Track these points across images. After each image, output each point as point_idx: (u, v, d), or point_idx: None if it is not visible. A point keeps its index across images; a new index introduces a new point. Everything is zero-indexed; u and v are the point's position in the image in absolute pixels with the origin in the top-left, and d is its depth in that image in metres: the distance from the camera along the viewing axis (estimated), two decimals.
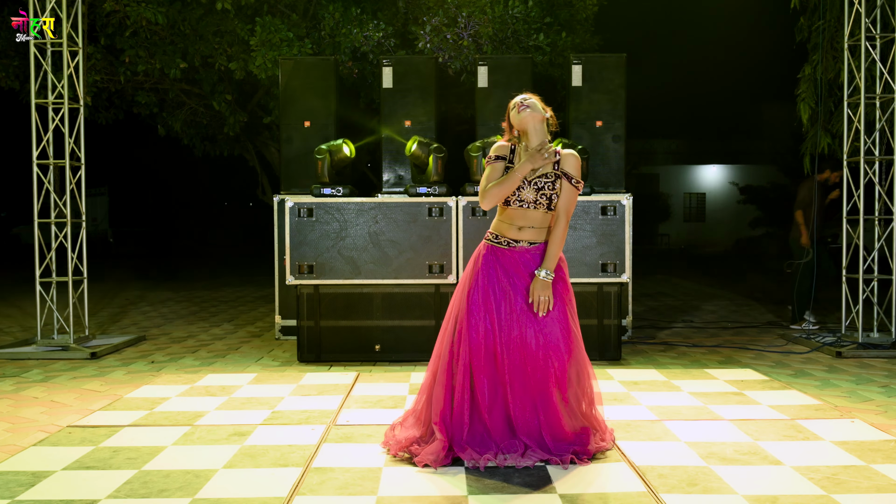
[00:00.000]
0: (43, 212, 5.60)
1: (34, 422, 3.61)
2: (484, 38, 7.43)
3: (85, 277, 5.74)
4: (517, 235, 2.98)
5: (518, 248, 2.97)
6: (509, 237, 2.99)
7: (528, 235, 2.97)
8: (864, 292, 5.53)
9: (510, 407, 2.87)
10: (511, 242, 2.98)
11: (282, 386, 4.31)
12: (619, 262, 4.90)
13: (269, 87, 8.82)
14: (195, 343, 6.00)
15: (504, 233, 3.00)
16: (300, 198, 4.96)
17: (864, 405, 3.84)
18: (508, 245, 2.98)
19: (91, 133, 6.36)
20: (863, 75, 5.37)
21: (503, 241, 3.00)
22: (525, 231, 2.97)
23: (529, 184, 2.94)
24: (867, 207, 5.60)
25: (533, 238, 2.98)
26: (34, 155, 5.44)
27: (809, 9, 6.63)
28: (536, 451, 2.86)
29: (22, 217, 22.78)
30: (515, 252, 2.97)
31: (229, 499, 2.56)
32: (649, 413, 3.65)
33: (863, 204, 5.44)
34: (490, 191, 2.93)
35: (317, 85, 5.96)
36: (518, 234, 2.97)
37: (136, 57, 7.91)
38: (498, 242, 3.01)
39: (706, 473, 2.77)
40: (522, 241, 2.97)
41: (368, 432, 3.34)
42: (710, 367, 4.85)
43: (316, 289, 4.99)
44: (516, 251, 2.97)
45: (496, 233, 3.03)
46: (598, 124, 5.84)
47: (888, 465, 2.84)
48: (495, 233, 3.03)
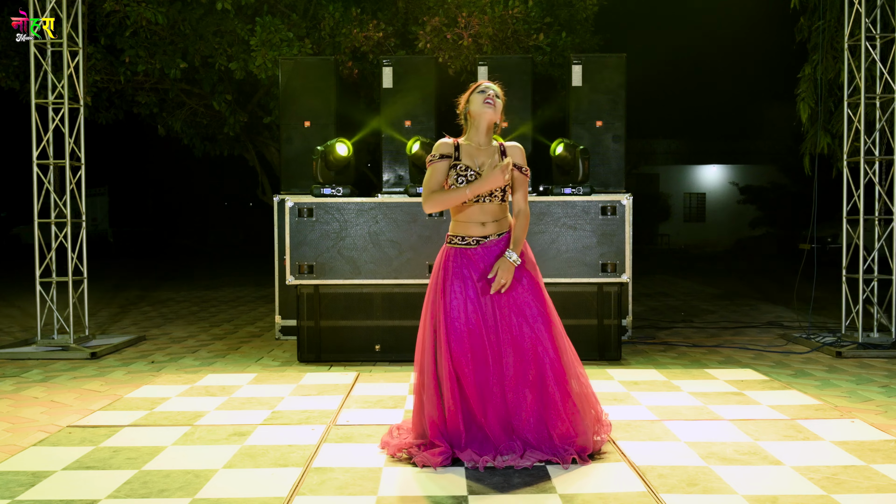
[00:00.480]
0: (43, 212, 5.60)
1: (34, 422, 3.61)
2: (484, 38, 7.43)
3: (85, 277, 5.74)
4: (483, 231, 2.97)
5: (488, 244, 2.96)
6: (476, 235, 2.97)
7: (492, 229, 2.98)
8: (864, 292, 5.53)
9: (508, 407, 2.87)
10: (479, 240, 2.97)
11: (282, 386, 4.31)
12: (619, 262, 4.90)
13: (269, 87, 8.82)
14: (195, 343, 6.01)
15: (468, 232, 2.98)
16: (300, 198, 4.96)
17: (864, 405, 3.84)
18: (478, 243, 2.97)
19: (91, 133, 6.36)
20: (863, 75, 5.37)
21: (471, 241, 2.97)
22: (489, 225, 2.97)
23: (481, 177, 2.95)
24: (867, 207, 5.60)
25: (498, 230, 2.98)
26: (34, 155, 5.44)
27: (809, 9, 6.63)
28: (535, 451, 2.85)
29: (22, 217, 22.78)
30: (487, 248, 2.96)
31: (229, 499, 2.56)
32: (649, 413, 3.65)
33: (863, 204, 5.44)
34: (435, 198, 2.92)
35: (317, 85, 5.95)
36: (483, 229, 2.97)
37: (136, 57, 7.91)
38: (466, 244, 2.98)
39: (706, 473, 2.77)
40: (490, 234, 2.97)
41: (368, 432, 3.34)
42: (710, 367, 4.85)
43: (316, 289, 4.99)
44: (487, 247, 2.96)
45: (460, 234, 3.00)
46: (598, 124, 5.84)
47: (888, 465, 2.84)
48: (459, 234, 3.00)
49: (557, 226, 4.87)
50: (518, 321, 2.89)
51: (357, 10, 7.95)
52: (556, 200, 4.89)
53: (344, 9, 7.87)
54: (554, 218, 4.86)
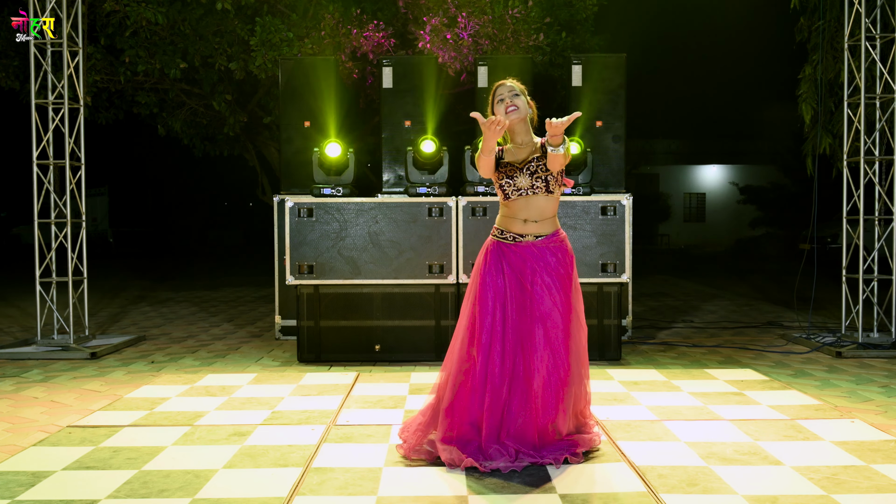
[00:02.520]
0: (43, 212, 5.60)
1: (34, 422, 3.61)
2: (484, 38, 7.43)
3: (85, 277, 5.74)
4: (522, 229, 2.94)
5: (524, 243, 2.94)
6: (514, 231, 2.95)
7: (533, 229, 2.94)
8: (864, 292, 5.53)
9: (512, 409, 2.85)
10: (517, 237, 2.95)
11: (282, 386, 4.31)
12: (619, 262, 4.90)
13: (269, 87, 8.82)
14: (195, 343, 6.01)
15: (509, 227, 2.97)
16: (300, 198, 4.96)
17: (864, 405, 3.84)
18: (514, 240, 2.95)
19: (91, 133, 6.36)
20: (863, 75, 5.37)
21: (508, 237, 2.96)
22: (529, 224, 2.93)
23: (521, 170, 2.93)
24: (867, 207, 5.60)
25: (538, 231, 2.94)
26: (34, 155, 5.44)
27: (809, 9, 6.62)
28: (528, 455, 2.81)
29: (22, 217, 22.79)
30: (521, 247, 2.93)
31: (229, 499, 2.56)
32: (649, 413, 3.65)
33: (863, 204, 5.44)
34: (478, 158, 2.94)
35: (317, 85, 5.95)
36: (523, 227, 2.94)
37: (136, 57, 7.91)
38: (503, 238, 2.97)
39: (706, 473, 2.77)
40: (528, 234, 2.94)
41: (368, 432, 3.34)
42: (710, 367, 4.85)
43: (316, 289, 4.99)
44: (522, 246, 2.93)
45: (501, 228, 3.00)
46: (598, 124, 5.84)
47: (888, 465, 2.84)
48: (500, 228, 3.00)
49: None
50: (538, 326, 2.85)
51: (357, 10, 7.95)
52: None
53: (344, 9, 7.87)
54: None
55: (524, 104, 2.99)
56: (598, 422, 3.35)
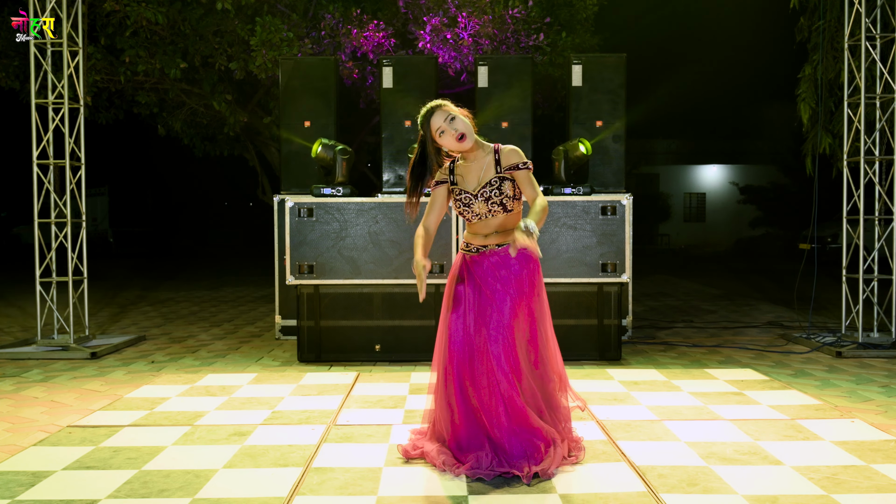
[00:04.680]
0: (43, 212, 5.60)
1: (34, 422, 3.61)
2: (484, 38, 7.44)
3: (85, 277, 5.74)
4: (484, 242, 2.98)
5: (487, 252, 2.96)
6: (477, 244, 2.99)
7: (494, 240, 2.97)
8: (864, 292, 5.53)
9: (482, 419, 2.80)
10: (480, 248, 2.98)
11: (282, 386, 4.32)
12: (619, 262, 4.90)
13: (269, 87, 8.83)
14: (195, 343, 6.01)
15: (472, 241, 3.02)
16: (300, 198, 4.96)
17: (864, 405, 3.84)
18: (478, 251, 2.98)
19: (91, 133, 6.36)
20: (863, 75, 5.37)
21: (472, 248, 3.00)
22: (491, 237, 2.97)
23: (476, 198, 2.92)
24: (867, 207, 5.60)
25: (500, 241, 2.96)
26: (34, 155, 5.44)
27: (809, 9, 6.63)
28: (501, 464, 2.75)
29: (22, 217, 22.79)
30: (485, 255, 2.96)
31: (229, 499, 2.56)
32: (649, 413, 3.65)
33: (863, 204, 5.44)
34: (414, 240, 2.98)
35: (317, 85, 5.96)
36: (485, 240, 2.98)
37: (136, 57, 7.91)
38: (468, 251, 3.02)
39: (706, 473, 2.77)
40: (490, 245, 2.97)
41: (368, 432, 3.34)
42: (710, 367, 4.85)
43: (316, 289, 4.99)
44: (486, 254, 2.96)
45: (466, 242, 3.05)
46: (598, 124, 5.84)
47: (888, 465, 2.85)
48: (466, 242, 3.05)
49: (557, 226, 4.87)
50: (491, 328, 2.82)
51: (357, 10, 7.95)
52: (557, 200, 4.89)
53: (344, 9, 7.87)
54: (554, 218, 4.86)
55: (465, 123, 2.88)
56: (598, 421, 3.33)
